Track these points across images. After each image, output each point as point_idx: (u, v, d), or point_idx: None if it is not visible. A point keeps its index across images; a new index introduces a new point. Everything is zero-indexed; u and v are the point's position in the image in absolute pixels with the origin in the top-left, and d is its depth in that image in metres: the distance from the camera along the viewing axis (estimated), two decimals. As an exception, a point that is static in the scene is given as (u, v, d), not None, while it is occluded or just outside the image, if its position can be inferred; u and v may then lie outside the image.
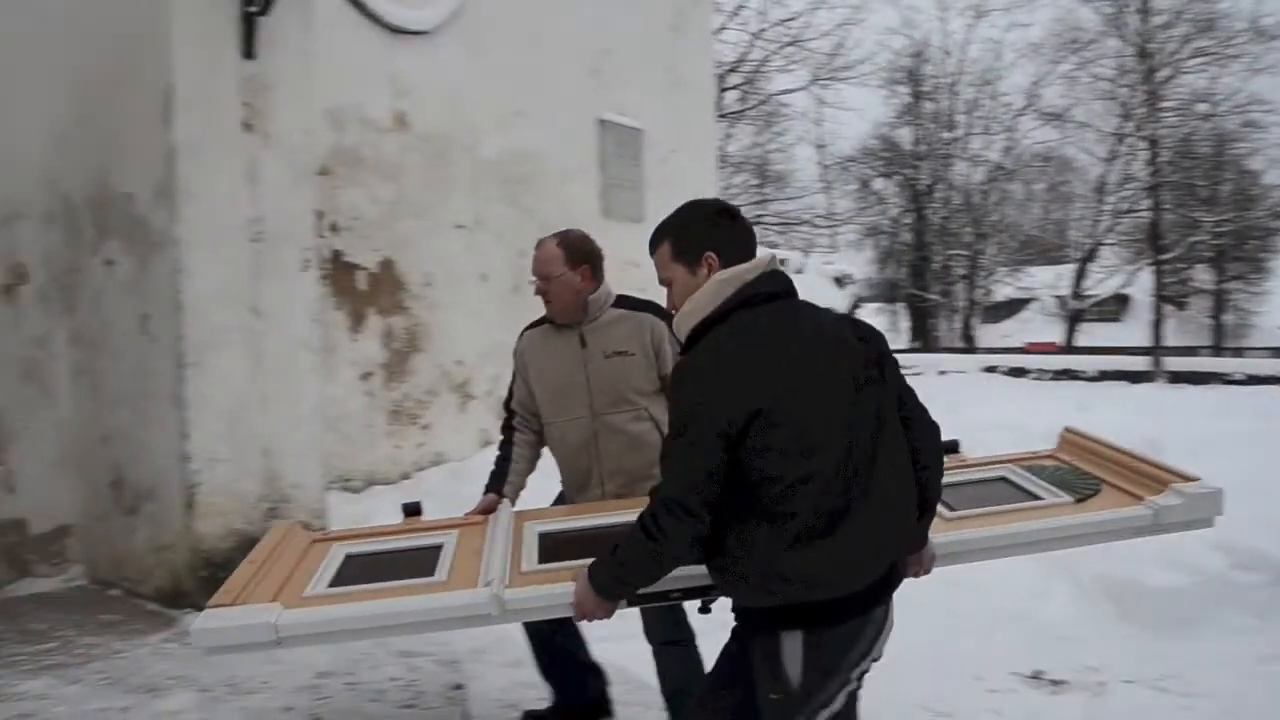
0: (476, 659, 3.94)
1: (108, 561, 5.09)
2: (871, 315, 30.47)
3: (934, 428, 2.35)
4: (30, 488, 5.16)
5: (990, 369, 18.51)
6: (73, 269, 5.16)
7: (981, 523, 2.73)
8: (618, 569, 2.22)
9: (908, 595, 2.30)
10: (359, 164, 6.39)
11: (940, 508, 2.59)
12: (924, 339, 31.30)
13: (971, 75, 29.72)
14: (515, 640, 4.34)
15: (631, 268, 8.12)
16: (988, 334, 33.24)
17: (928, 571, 2.51)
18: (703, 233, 2.31)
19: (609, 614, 2.31)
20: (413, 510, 3.12)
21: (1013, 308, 36.43)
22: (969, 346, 29.22)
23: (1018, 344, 31.39)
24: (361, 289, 6.42)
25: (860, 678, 2.16)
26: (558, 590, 2.40)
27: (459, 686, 3.72)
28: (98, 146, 4.96)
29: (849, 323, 2.30)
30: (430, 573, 2.63)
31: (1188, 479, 2.77)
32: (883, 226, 31.97)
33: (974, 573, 3.07)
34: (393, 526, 3.05)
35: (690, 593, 2.44)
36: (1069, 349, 28.32)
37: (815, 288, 18.10)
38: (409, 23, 6.72)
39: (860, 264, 30.46)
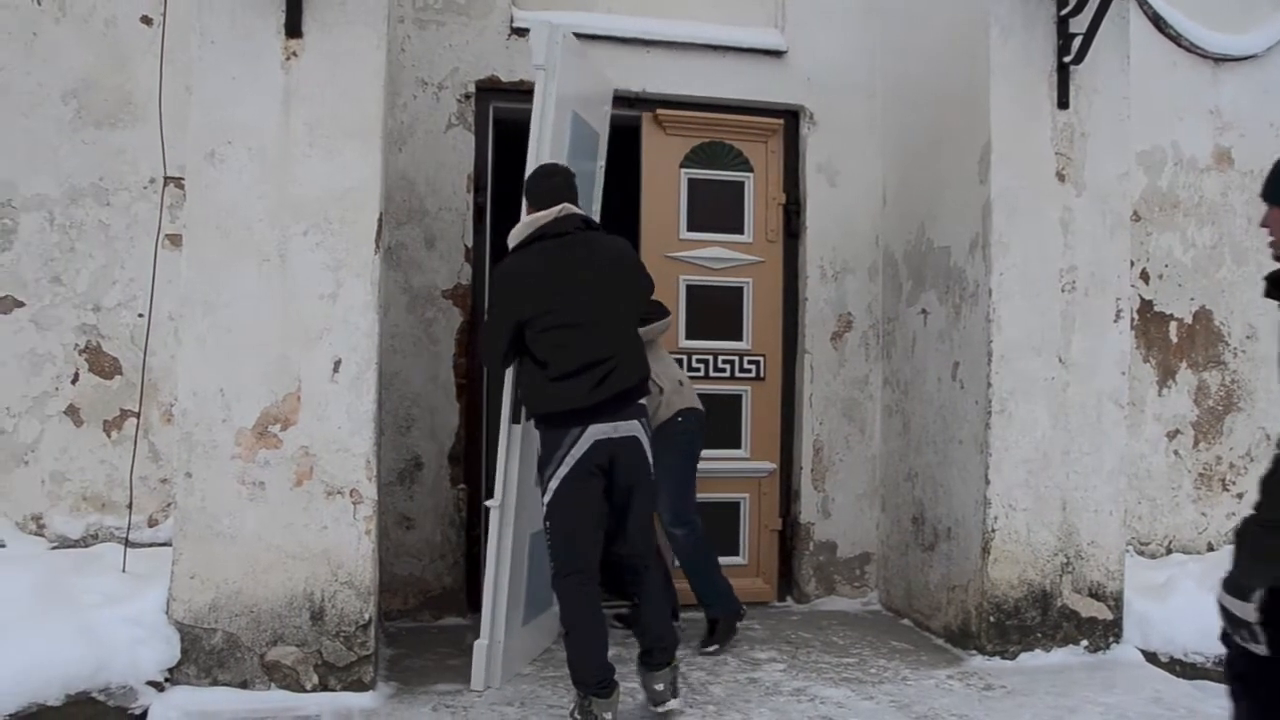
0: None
1: (901, 592, 5.39)
2: None
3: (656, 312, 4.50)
4: (842, 515, 5.67)
5: None
6: (891, 317, 5.59)
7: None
8: None
9: None
10: (1174, 207, 5.96)
11: None
12: None
13: None
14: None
15: None
16: None
17: None
18: (527, 189, 3.86)
19: None
20: None
21: None
22: None
23: None
24: (1173, 341, 5.98)
25: (577, 467, 3.62)
26: None
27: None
28: (918, 204, 5.32)
29: (612, 251, 3.81)
30: None
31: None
32: None
33: None
34: None
35: None
36: None
37: None
38: (1234, 49, 6.12)
39: None
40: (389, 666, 4.29)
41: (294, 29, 3.86)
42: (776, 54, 5.59)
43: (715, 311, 5.47)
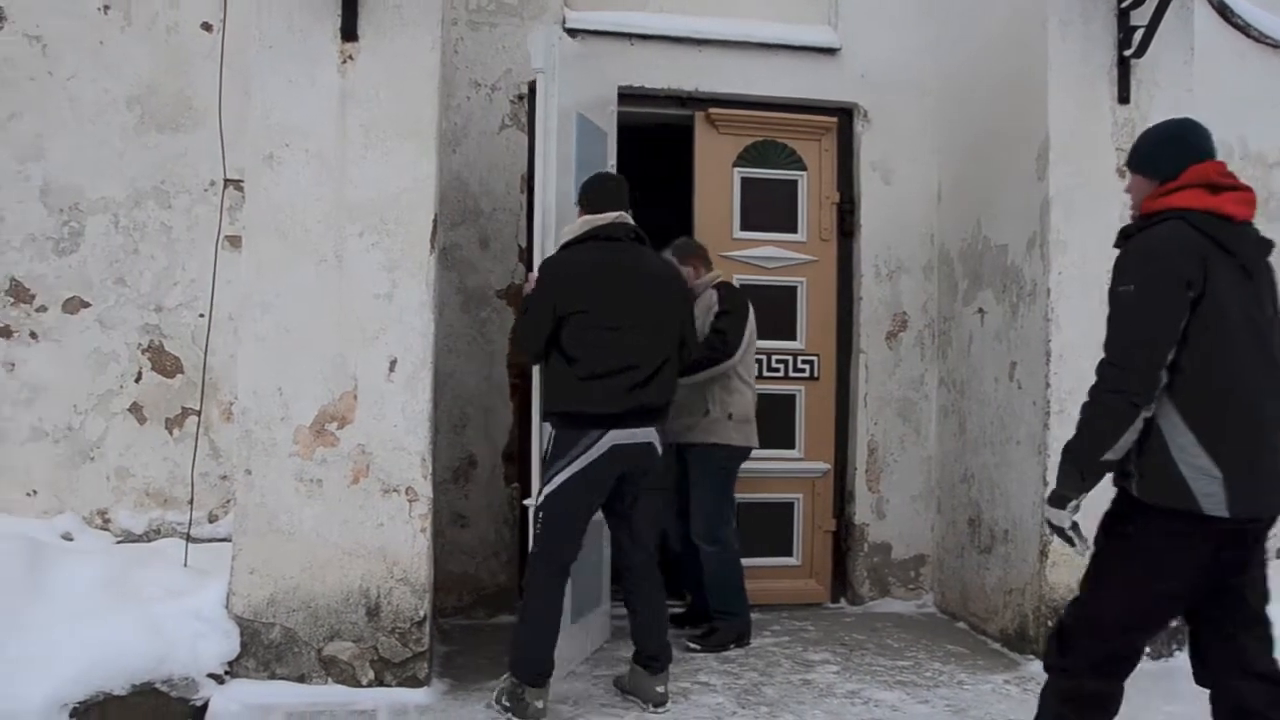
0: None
1: (956, 594, 5.33)
2: None
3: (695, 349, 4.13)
4: (896, 516, 5.62)
5: None
6: (947, 317, 5.53)
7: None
8: None
9: None
10: (1242, 204, 5.82)
11: None
12: None
13: None
14: None
15: None
16: None
17: None
18: (583, 192, 3.91)
19: None
20: None
21: None
22: None
23: None
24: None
25: (590, 469, 3.65)
26: None
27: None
28: (973, 201, 5.25)
29: (662, 272, 3.93)
30: None
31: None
32: None
33: None
34: None
35: None
36: None
37: None
38: (1305, 36, 5.98)
39: None
40: (443, 663, 4.33)
41: (349, 32, 3.91)
42: (829, 51, 5.55)
43: (769, 311, 5.41)
